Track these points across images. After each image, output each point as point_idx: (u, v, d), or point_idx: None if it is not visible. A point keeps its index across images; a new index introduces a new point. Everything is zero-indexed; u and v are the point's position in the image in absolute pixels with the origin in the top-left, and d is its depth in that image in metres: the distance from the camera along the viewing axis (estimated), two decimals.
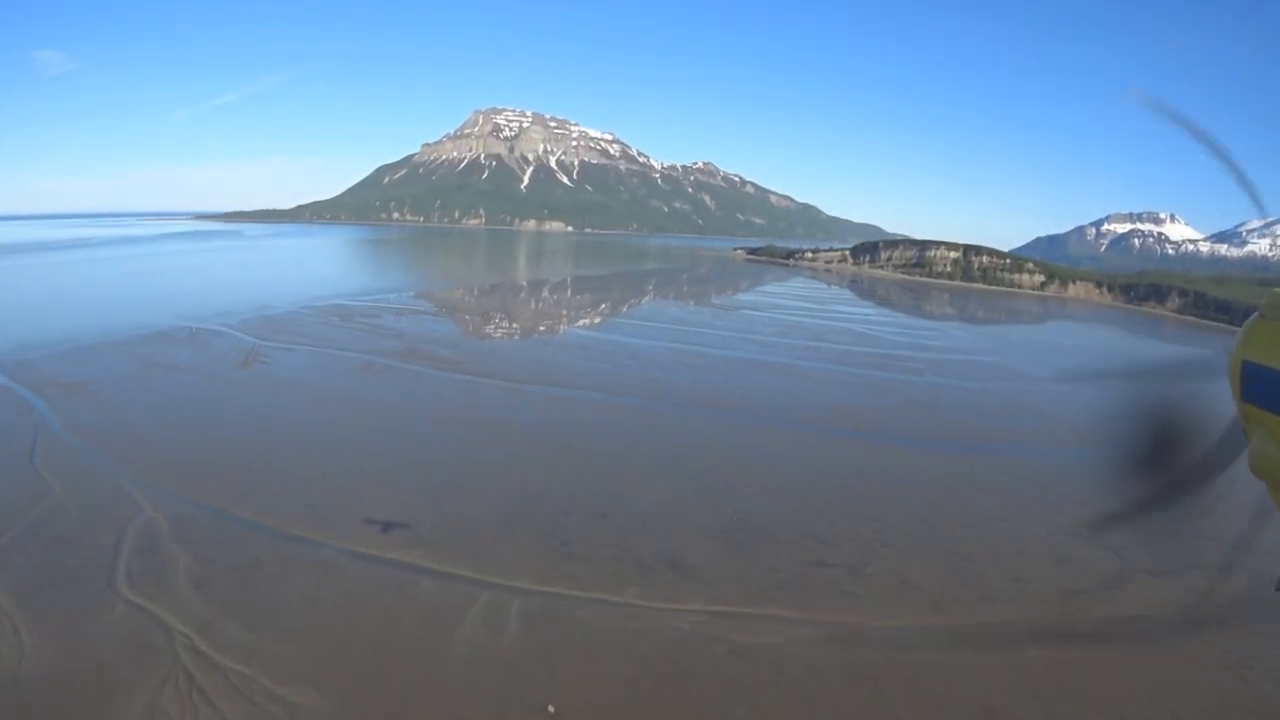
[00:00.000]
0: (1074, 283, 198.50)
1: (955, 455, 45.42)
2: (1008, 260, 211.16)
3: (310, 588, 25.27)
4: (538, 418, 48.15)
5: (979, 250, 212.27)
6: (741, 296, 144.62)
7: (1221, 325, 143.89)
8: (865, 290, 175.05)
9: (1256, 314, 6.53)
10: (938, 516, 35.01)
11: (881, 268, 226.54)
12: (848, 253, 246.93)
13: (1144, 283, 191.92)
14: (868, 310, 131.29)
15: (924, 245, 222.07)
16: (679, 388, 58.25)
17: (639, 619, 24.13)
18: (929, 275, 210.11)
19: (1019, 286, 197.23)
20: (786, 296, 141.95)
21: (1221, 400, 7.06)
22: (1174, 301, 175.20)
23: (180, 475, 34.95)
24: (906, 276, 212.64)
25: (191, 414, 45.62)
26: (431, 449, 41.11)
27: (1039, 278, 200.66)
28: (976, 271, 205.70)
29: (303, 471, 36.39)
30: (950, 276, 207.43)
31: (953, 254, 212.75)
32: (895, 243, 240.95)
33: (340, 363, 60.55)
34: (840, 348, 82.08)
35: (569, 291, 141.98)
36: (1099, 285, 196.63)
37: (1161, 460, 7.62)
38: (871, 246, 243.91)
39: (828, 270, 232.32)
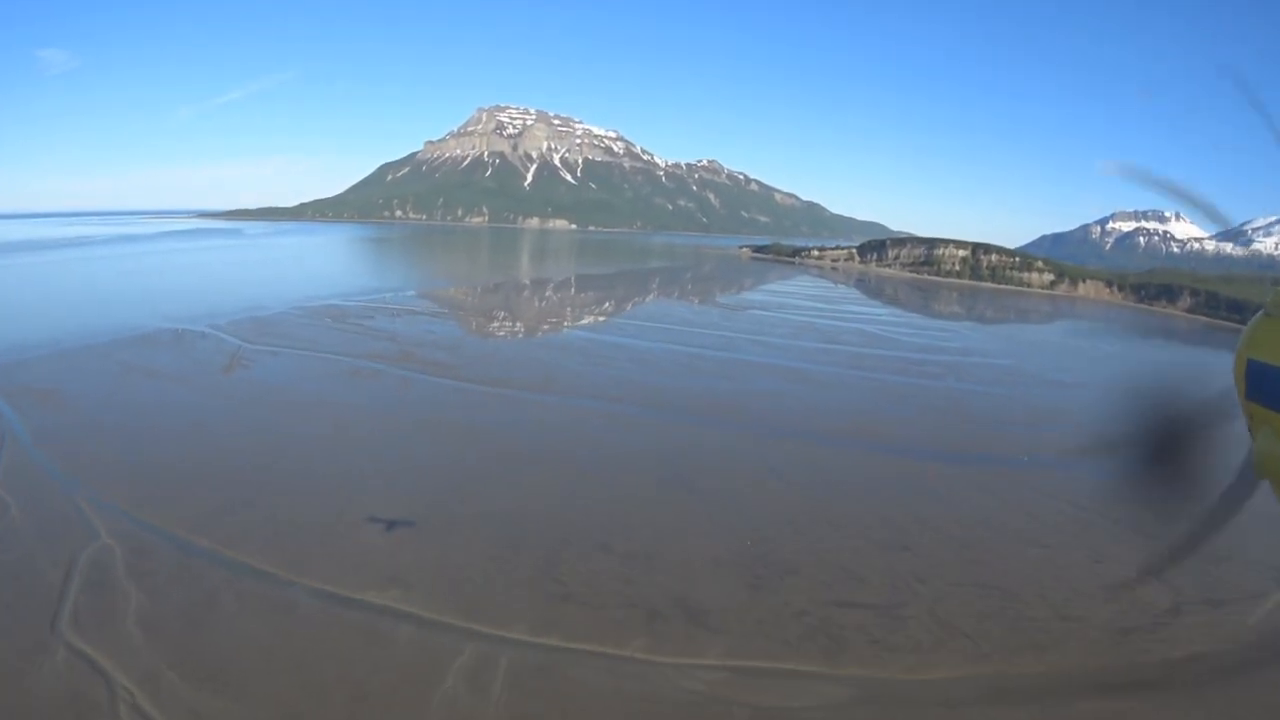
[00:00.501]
0: (1084, 282, 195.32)
1: (983, 470, 42.33)
2: (1016, 259, 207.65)
3: (270, 635, 22.23)
4: (535, 430, 45.04)
5: (988, 248, 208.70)
6: (748, 295, 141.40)
7: (1234, 325, 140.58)
8: (874, 289, 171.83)
9: (1261, 312, 6.28)
10: (973, 542, 31.94)
11: (889, 266, 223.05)
12: (854, 251, 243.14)
13: (1154, 282, 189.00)
14: (878, 310, 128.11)
15: (932, 243, 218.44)
16: (686, 395, 55.20)
17: (645, 678, 20.92)
18: (937, 274, 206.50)
19: (1028, 285, 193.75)
20: (795, 296, 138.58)
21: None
22: (1185, 301, 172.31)
23: (144, 497, 32.10)
24: (914, 275, 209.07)
25: (165, 426, 42.68)
26: (416, 467, 37.85)
27: (1048, 276, 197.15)
28: (985, 270, 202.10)
29: (273, 492, 33.38)
30: (959, 275, 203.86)
31: (961, 252, 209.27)
32: (903, 241, 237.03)
33: (327, 368, 57.58)
34: (853, 350, 78.92)
35: (572, 290, 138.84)
36: (1109, 284, 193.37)
37: (1168, 467, 7.18)
38: (878, 245, 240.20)
39: (834, 268, 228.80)
